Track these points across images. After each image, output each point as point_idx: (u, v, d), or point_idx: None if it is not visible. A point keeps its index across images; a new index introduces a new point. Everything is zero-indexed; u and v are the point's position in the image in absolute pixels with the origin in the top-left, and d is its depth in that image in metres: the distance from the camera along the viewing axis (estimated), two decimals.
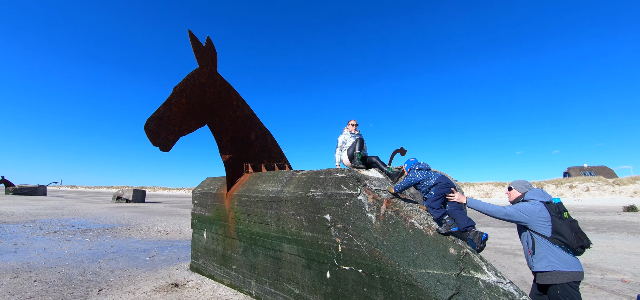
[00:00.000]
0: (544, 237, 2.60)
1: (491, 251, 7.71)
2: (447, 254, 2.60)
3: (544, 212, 2.63)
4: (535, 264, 2.65)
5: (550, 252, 2.57)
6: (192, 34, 4.81)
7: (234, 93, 5.45)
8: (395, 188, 3.36)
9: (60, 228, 11.01)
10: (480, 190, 42.48)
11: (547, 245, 2.59)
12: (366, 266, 3.02)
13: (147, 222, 13.36)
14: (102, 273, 5.49)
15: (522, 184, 2.97)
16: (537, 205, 2.68)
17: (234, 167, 5.21)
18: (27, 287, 4.63)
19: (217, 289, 4.76)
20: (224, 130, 5.17)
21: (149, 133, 4.19)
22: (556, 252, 2.55)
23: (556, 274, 2.54)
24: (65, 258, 6.51)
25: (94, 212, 17.70)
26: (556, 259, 2.55)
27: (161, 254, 7.14)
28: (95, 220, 13.71)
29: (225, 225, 5.04)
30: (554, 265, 2.54)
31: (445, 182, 3.13)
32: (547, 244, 2.59)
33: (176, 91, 4.52)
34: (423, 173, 3.32)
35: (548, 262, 2.57)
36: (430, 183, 3.22)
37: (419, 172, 3.36)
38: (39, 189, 37.06)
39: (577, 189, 36.10)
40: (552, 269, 2.55)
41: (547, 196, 2.79)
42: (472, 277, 2.42)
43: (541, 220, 2.62)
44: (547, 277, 2.57)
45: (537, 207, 2.66)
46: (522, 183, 2.98)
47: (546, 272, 2.58)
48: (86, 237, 9.30)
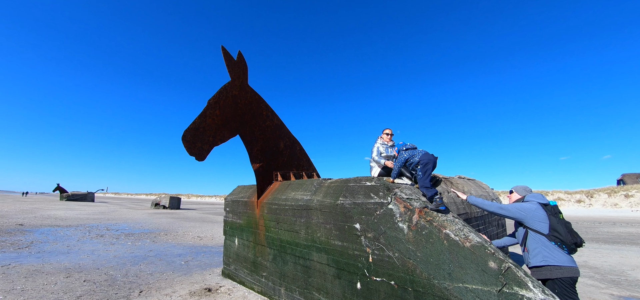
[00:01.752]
0: (541, 234, 2.75)
1: None
2: (486, 267, 2.44)
3: (541, 211, 2.80)
4: (531, 259, 2.79)
5: (545, 248, 2.71)
6: (224, 49, 5.05)
7: (264, 104, 5.62)
8: (392, 175, 3.74)
9: (106, 232, 11.89)
10: None
11: (542, 241, 2.73)
12: (398, 278, 2.92)
13: (182, 228, 14.02)
14: (143, 276, 5.82)
15: (523, 189, 3.17)
16: (534, 204, 2.86)
17: (264, 176, 5.33)
18: (77, 286, 5.03)
19: (247, 295, 4.85)
20: (254, 140, 5.33)
21: (186, 143, 4.43)
22: (551, 248, 2.69)
23: (550, 269, 2.66)
24: (110, 260, 7.01)
25: (134, 218, 18.92)
26: (550, 254, 2.68)
27: (195, 259, 7.43)
28: (136, 225, 14.64)
29: (255, 232, 5.15)
30: (548, 260, 2.67)
31: (428, 158, 3.42)
32: (543, 241, 2.72)
33: (210, 103, 4.75)
34: (409, 152, 3.69)
35: (542, 257, 2.70)
36: (415, 160, 3.55)
37: (406, 152, 3.74)
38: (88, 195, 40.47)
39: (634, 198, 32.43)
40: (547, 263, 2.67)
41: (545, 199, 2.98)
42: (515, 294, 2.25)
43: (538, 218, 2.77)
44: (542, 272, 2.70)
45: (534, 205, 2.85)
46: (522, 188, 3.18)
47: (541, 267, 2.71)
48: (128, 241, 9.95)
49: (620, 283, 5.71)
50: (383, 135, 4.88)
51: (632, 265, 7.27)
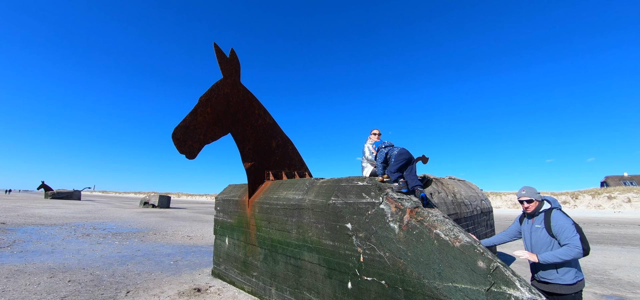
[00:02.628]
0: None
1: (523, 266, 7.28)
2: (475, 267, 2.48)
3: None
4: (562, 276, 2.59)
5: (575, 263, 2.60)
6: (217, 46, 4.99)
7: (256, 102, 5.57)
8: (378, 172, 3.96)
9: (93, 231, 11.62)
10: (508, 200, 40.46)
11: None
12: (389, 278, 2.94)
13: (172, 227, 13.81)
14: (130, 276, 5.70)
15: (535, 192, 2.89)
16: (568, 217, 2.66)
17: (256, 175, 5.29)
18: (62, 287, 4.89)
19: (238, 295, 4.80)
20: (246, 139, 5.28)
21: (176, 141, 4.35)
22: (577, 262, 2.60)
23: (582, 282, 2.60)
24: (96, 260, 6.85)
25: (123, 217, 18.55)
26: (578, 268, 2.60)
27: (185, 259, 7.33)
28: (124, 224, 14.35)
29: (246, 232, 5.10)
30: (578, 276, 2.59)
31: (404, 155, 3.71)
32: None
33: (202, 101, 4.68)
34: (388, 149, 3.98)
35: (575, 274, 2.58)
36: (394, 152, 3.83)
37: (385, 149, 4.00)
38: (74, 193, 39.49)
39: (616, 200, 33.48)
40: (578, 279, 2.58)
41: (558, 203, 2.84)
42: (503, 293, 2.28)
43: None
44: (573, 288, 2.57)
45: (569, 219, 2.64)
46: (534, 191, 2.90)
47: (574, 284, 2.57)
48: (116, 240, 9.74)
49: (603, 282, 5.87)
50: (371, 135, 4.91)
51: (615, 264, 7.49)
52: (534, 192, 2.86)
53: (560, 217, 2.65)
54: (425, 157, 7.11)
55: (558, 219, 2.64)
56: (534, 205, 2.82)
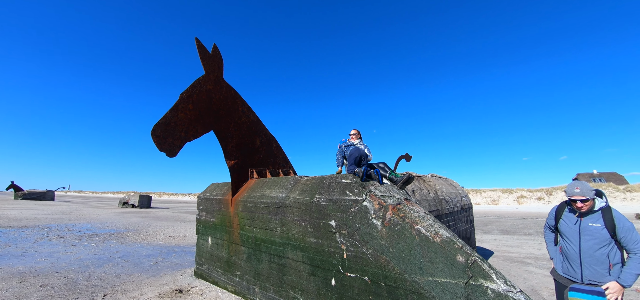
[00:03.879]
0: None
1: (499, 259, 7.56)
2: (454, 261, 2.55)
3: None
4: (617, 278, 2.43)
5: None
6: (198, 41, 4.87)
7: (240, 99, 5.49)
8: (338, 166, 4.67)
9: (67, 233, 11.11)
10: (487, 196, 41.91)
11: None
12: (372, 273, 2.98)
13: (153, 228, 13.42)
14: (107, 278, 5.50)
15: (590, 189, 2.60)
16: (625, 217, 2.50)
17: (239, 173, 5.21)
18: (33, 292, 4.65)
19: (221, 295, 4.73)
20: (229, 136, 5.19)
21: (156, 139, 4.22)
22: None
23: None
24: (71, 263, 6.55)
25: (100, 217, 17.85)
26: None
27: (166, 260, 7.14)
28: (101, 225, 13.81)
29: (229, 231, 5.03)
30: None
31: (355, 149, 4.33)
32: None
33: (183, 97, 4.56)
34: (347, 148, 4.62)
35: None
36: (348, 151, 4.43)
37: (345, 147, 4.67)
38: (47, 194, 37.58)
39: None
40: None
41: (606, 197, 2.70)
42: (480, 286, 2.36)
43: None
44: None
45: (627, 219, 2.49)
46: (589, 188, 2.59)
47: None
48: (92, 242, 9.36)
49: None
50: (351, 136, 5.02)
51: None
52: (589, 189, 2.59)
53: (623, 218, 2.47)
54: (408, 155, 7.23)
55: (624, 221, 2.46)
56: (590, 204, 2.59)
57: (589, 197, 2.55)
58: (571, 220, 2.71)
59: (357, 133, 5.05)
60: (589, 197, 2.55)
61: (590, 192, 2.56)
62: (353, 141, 4.99)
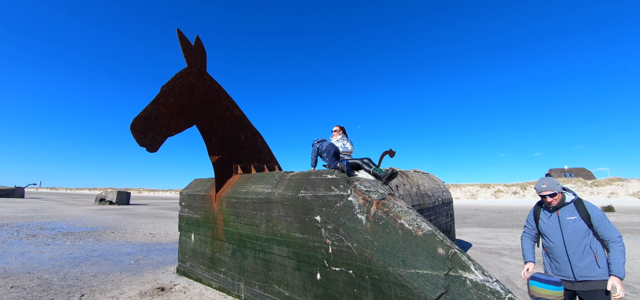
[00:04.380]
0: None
1: (477, 251, 7.88)
2: (435, 254, 2.64)
3: None
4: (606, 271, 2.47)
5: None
6: (180, 33, 4.73)
7: (224, 93, 5.39)
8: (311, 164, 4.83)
9: (39, 231, 10.58)
10: (467, 191, 43.38)
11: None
12: (356, 267, 3.03)
13: (132, 225, 13.01)
14: (84, 278, 5.30)
15: (556, 183, 2.70)
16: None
17: (223, 168, 5.14)
18: (3, 294, 4.42)
19: (205, 292, 4.67)
20: (213, 131, 5.10)
21: (136, 133, 4.09)
22: None
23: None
24: (44, 263, 6.26)
25: (75, 215, 17.11)
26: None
27: (147, 258, 6.96)
28: (76, 223, 13.25)
29: (213, 227, 4.96)
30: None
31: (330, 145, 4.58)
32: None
33: (164, 90, 4.43)
34: (320, 144, 4.80)
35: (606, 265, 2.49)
36: (323, 147, 4.64)
37: (318, 144, 4.83)
38: (16, 190, 35.57)
39: None
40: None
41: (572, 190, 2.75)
42: (460, 277, 2.46)
43: None
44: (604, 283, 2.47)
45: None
46: (555, 182, 2.70)
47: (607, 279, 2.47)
48: (67, 240, 8.97)
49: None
50: (334, 132, 5.14)
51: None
52: (556, 183, 2.68)
53: (595, 207, 2.59)
54: (392, 150, 7.37)
55: (596, 210, 2.56)
56: (559, 198, 2.67)
57: (557, 190, 2.63)
58: (549, 217, 2.74)
59: (339, 129, 5.21)
60: (557, 190, 2.63)
61: (557, 186, 2.65)
62: (336, 137, 5.11)
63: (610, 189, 34.53)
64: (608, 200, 30.96)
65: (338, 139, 5.16)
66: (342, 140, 5.12)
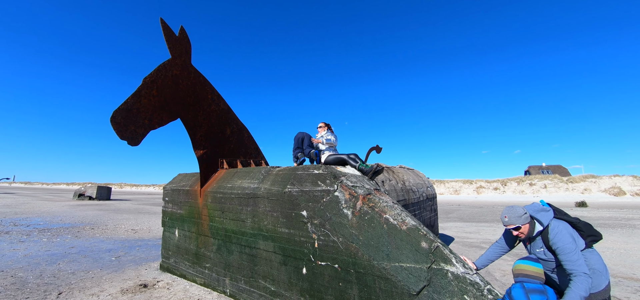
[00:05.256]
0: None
1: (459, 245, 8.12)
2: (419, 247, 2.70)
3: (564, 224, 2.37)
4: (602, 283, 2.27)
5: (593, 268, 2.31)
6: (164, 23, 4.59)
7: (209, 86, 5.28)
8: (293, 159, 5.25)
9: (13, 228, 10.12)
10: (450, 187, 44.50)
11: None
12: (342, 261, 3.07)
13: (113, 221, 12.64)
14: (62, 275, 5.12)
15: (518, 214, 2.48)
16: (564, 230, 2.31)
17: (208, 163, 5.05)
18: None
19: (189, 288, 4.61)
20: (197, 125, 5.00)
21: (116, 126, 3.96)
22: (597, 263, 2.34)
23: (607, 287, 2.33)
24: (18, 260, 6.00)
25: (52, 211, 16.44)
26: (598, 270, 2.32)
27: (128, 254, 6.79)
28: (53, 219, 12.74)
29: (198, 222, 4.89)
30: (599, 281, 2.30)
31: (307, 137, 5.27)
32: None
33: (146, 82, 4.29)
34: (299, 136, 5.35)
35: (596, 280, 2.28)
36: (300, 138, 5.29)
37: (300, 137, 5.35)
38: None
39: (536, 186, 38.89)
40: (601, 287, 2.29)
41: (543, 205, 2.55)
42: (441, 269, 2.53)
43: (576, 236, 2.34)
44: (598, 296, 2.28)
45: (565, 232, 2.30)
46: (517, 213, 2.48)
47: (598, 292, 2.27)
48: (43, 237, 8.62)
49: (518, 254, 6.83)
50: (319, 129, 5.42)
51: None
52: (517, 216, 2.47)
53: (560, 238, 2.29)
54: (378, 146, 7.45)
55: (555, 237, 2.32)
56: (525, 229, 2.48)
57: (519, 223, 2.45)
58: (529, 247, 2.60)
59: (324, 125, 5.42)
60: (519, 223, 2.45)
61: (520, 218, 2.45)
62: (321, 133, 5.27)
63: (584, 185, 36.28)
64: (582, 196, 32.54)
65: (323, 134, 5.32)
66: (326, 134, 5.26)
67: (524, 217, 2.45)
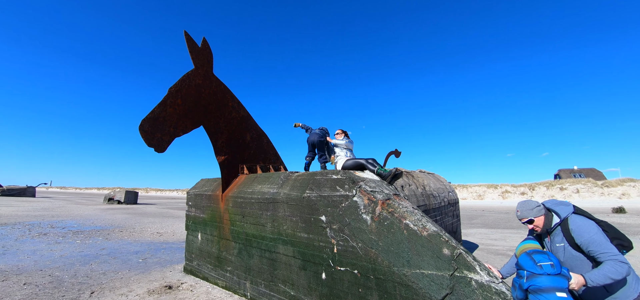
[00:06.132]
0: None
1: (483, 252, 7.81)
2: (441, 254, 2.64)
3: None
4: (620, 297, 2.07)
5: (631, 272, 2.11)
6: (188, 35, 4.80)
7: (230, 94, 5.45)
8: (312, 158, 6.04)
9: (50, 230, 10.81)
10: (473, 192, 42.95)
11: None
12: (361, 267, 3.05)
13: (140, 224, 13.20)
14: (94, 275, 5.41)
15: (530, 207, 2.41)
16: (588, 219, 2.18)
17: (229, 169, 5.20)
18: (16, 290, 4.54)
19: (211, 291, 4.73)
20: (219, 132, 5.16)
21: (144, 134, 4.16)
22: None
23: None
24: (55, 260, 6.41)
25: (84, 214, 17.42)
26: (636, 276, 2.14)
27: (154, 256, 7.07)
28: (86, 222, 13.49)
29: (220, 226, 5.02)
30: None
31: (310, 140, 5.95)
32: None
33: (172, 92, 4.50)
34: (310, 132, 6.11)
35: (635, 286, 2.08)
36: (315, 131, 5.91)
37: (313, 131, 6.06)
38: (27, 190, 36.32)
39: (567, 190, 36.74)
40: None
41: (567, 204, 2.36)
42: (465, 277, 2.46)
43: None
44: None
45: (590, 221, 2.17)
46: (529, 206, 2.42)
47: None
48: (77, 239, 9.15)
49: None
50: (336, 135, 5.72)
51: None
52: (529, 208, 2.41)
53: (580, 227, 2.16)
54: (397, 151, 7.34)
55: (580, 229, 2.16)
56: (541, 221, 2.37)
57: (531, 216, 2.37)
58: (546, 243, 2.45)
59: (341, 132, 5.69)
60: (531, 216, 2.37)
61: (531, 211, 2.38)
62: (339, 138, 5.64)
63: (622, 189, 33.85)
64: (619, 201, 30.36)
65: (341, 138, 5.62)
66: (343, 139, 5.60)
67: (536, 210, 2.39)
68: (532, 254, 2.15)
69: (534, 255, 2.12)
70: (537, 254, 2.14)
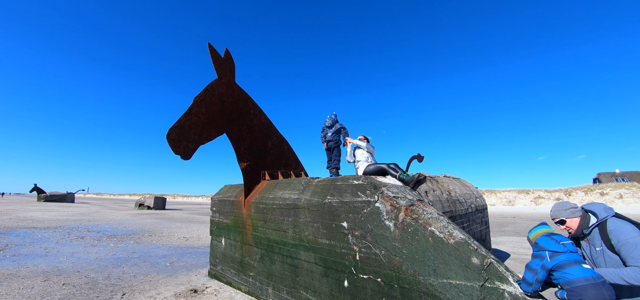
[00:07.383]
0: None
1: (516, 262, 7.37)
2: (469, 263, 2.51)
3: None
4: None
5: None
6: (211, 46, 4.97)
7: (251, 102, 5.57)
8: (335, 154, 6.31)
9: (87, 233, 11.50)
10: (503, 197, 40.86)
11: None
12: (385, 275, 2.96)
13: (168, 229, 13.72)
14: (125, 278, 5.67)
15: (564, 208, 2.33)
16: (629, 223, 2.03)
17: (252, 175, 5.28)
18: (56, 290, 4.84)
19: (235, 296, 4.80)
20: (241, 139, 5.28)
21: (171, 142, 4.34)
22: None
23: None
24: (91, 262, 6.78)
25: (117, 219, 18.39)
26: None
27: (181, 260, 7.30)
28: (118, 227, 14.23)
29: (242, 232, 5.10)
30: None
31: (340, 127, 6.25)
32: None
33: (196, 101, 4.67)
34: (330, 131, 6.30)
35: None
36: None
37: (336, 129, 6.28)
38: (67, 196, 39.02)
39: (609, 196, 34.01)
40: None
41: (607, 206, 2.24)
42: (497, 289, 2.31)
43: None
44: None
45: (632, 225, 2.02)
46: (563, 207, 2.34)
47: None
48: (110, 242, 9.66)
49: None
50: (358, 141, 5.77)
51: None
52: (562, 208, 2.33)
53: (619, 227, 2.03)
54: (420, 155, 7.15)
55: (618, 230, 2.02)
56: (575, 223, 2.28)
57: (562, 217, 2.30)
58: (584, 247, 2.29)
59: (363, 138, 5.81)
60: (562, 217, 2.30)
61: (564, 211, 2.30)
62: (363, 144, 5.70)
63: None
64: None
65: (364, 144, 5.65)
66: (365, 144, 5.65)
67: (570, 211, 2.33)
68: (552, 234, 2.27)
69: (554, 235, 2.24)
70: (555, 234, 2.27)
